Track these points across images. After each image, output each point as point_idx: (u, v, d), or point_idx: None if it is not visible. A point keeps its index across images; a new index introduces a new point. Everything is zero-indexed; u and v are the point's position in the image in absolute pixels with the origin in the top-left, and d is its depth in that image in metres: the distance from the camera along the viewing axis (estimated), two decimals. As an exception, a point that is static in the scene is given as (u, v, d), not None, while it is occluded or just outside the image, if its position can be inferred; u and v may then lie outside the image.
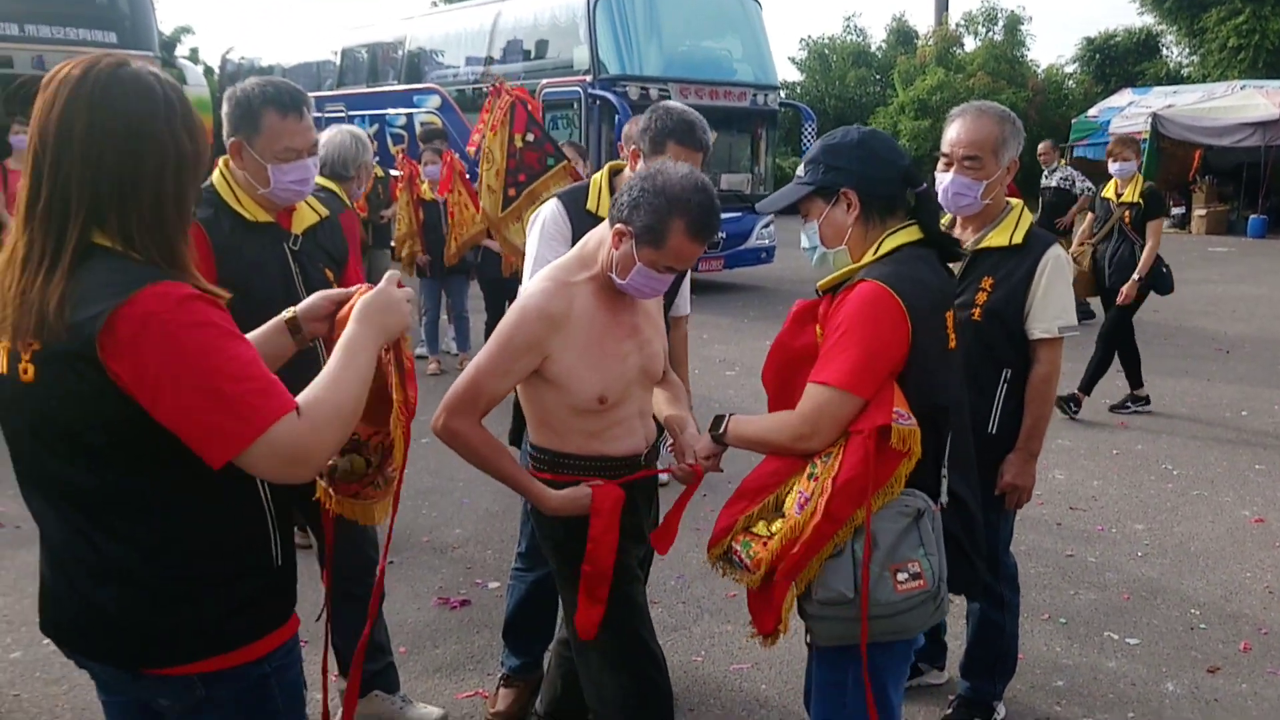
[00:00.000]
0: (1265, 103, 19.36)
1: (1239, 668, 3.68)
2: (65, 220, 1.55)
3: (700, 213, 2.31)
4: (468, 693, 3.52)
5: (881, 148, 2.24)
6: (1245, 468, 6.01)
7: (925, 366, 2.12)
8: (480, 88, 15.10)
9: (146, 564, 1.62)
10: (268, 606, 1.77)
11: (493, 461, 2.47)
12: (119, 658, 1.71)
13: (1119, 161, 6.93)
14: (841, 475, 2.03)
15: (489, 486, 5.56)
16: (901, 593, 2.04)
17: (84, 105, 1.54)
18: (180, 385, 1.49)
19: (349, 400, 1.65)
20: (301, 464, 1.57)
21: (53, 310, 1.50)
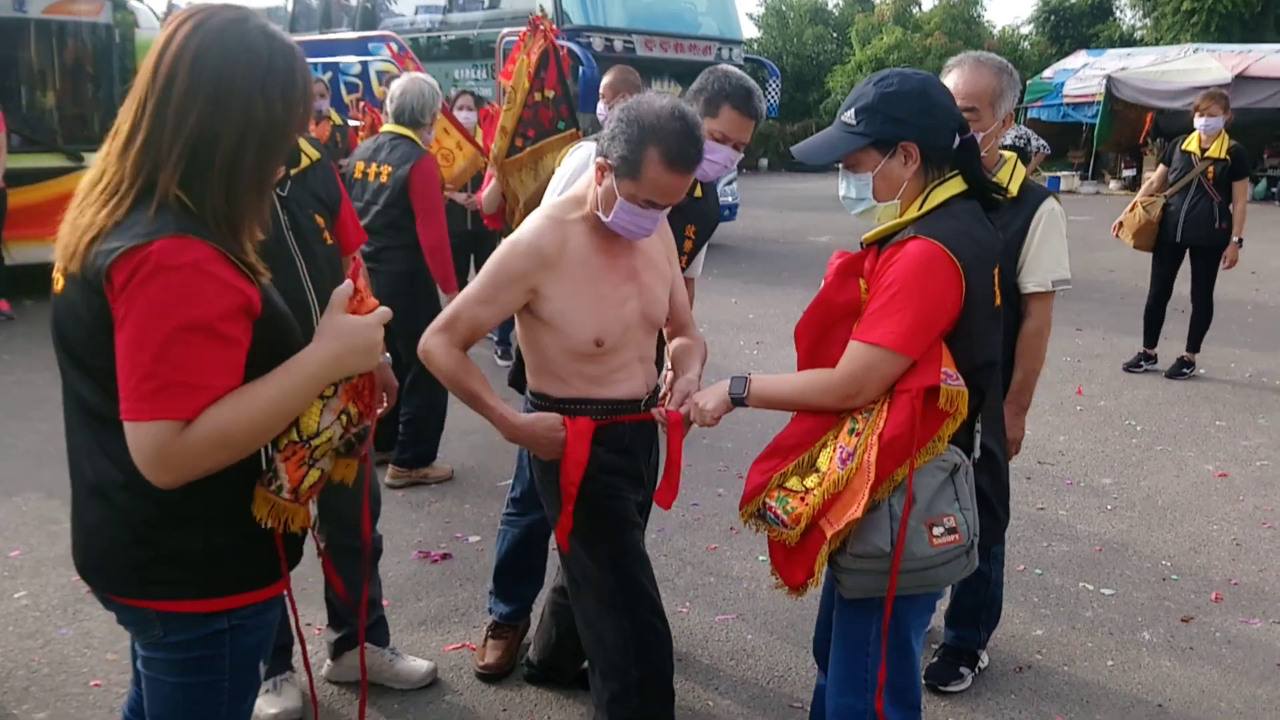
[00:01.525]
0: (1217, 66, 19.62)
1: (1212, 617, 3.77)
2: (151, 166, 1.57)
3: (676, 140, 2.23)
4: (454, 645, 3.49)
5: (941, 96, 2.14)
6: (1206, 424, 6.14)
7: (974, 325, 2.09)
8: (437, 36, 14.82)
9: (127, 487, 1.62)
10: (246, 566, 1.72)
11: (461, 381, 2.42)
12: (94, 579, 1.74)
13: (1206, 116, 6.77)
14: (887, 432, 2.01)
15: (463, 441, 5.54)
16: (937, 547, 2.03)
17: (189, 56, 1.57)
18: (124, 328, 1.51)
19: (248, 428, 1.56)
20: (161, 471, 1.52)
21: (87, 240, 1.55)
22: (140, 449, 1.52)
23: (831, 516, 2.02)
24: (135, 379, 1.50)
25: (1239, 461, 5.48)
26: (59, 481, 4.78)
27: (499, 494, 4.84)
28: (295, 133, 1.69)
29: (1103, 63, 22.60)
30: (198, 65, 1.56)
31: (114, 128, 1.62)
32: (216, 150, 1.57)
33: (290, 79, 1.63)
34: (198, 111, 1.56)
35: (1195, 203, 6.85)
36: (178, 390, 1.51)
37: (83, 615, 3.61)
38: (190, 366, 1.51)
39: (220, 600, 1.69)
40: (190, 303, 1.51)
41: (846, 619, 2.21)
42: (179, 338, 1.50)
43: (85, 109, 9.24)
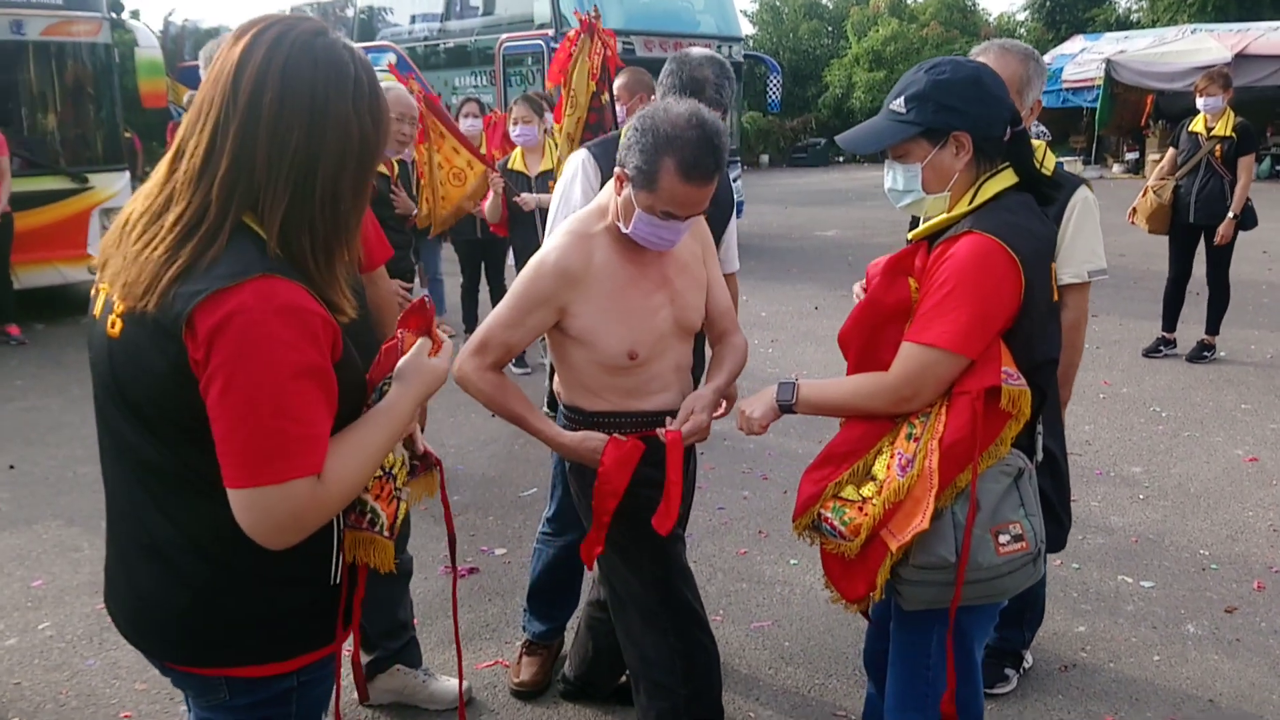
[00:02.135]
0: (1216, 46, 19.51)
1: (1255, 607, 3.70)
2: (234, 193, 1.43)
3: (691, 151, 2.15)
4: (487, 662, 3.44)
5: (994, 85, 2.06)
6: (1232, 407, 6.07)
7: (1034, 322, 2.01)
8: (436, 44, 14.77)
9: (192, 551, 1.52)
10: (313, 623, 1.64)
11: (500, 403, 2.39)
12: (151, 646, 1.62)
13: (1206, 96, 6.74)
14: (947, 437, 1.93)
15: (483, 452, 5.49)
16: (1003, 555, 1.96)
17: (277, 71, 1.42)
18: (231, 388, 1.37)
19: (366, 475, 1.54)
20: (290, 531, 1.44)
21: (167, 278, 1.40)
22: (270, 513, 1.41)
23: (894, 527, 1.95)
24: (254, 439, 1.38)
25: (1268, 445, 5.40)
26: (78, 508, 4.77)
27: (523, 505, 4.79)
28: (383, 151, 1.58)
29: (1100, 46, 22.50)
30: (289, 82, 1.42)
31: (177, 150, 1.48)
32: (317, 175, 1.45)
33: (375, 94, 1.52)
34: (295, 135, 1.42)
35: (1205, 182, 6.80)
36: (306, 443, 1.41)
37: (109, 645, 3.55)
38: (309, 415, 1.42)
39: (289, 662, 1.61)
40: (298, 347, 1.40)
41: (906, 630, 2.13)
42: (294, 387, 1.39)
43: (87, 130, 9.20)
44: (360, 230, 1.57)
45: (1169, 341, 7.28)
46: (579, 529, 3.22)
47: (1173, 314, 7.28)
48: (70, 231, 8.55)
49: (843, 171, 26.58)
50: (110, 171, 8.94)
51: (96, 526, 4.58)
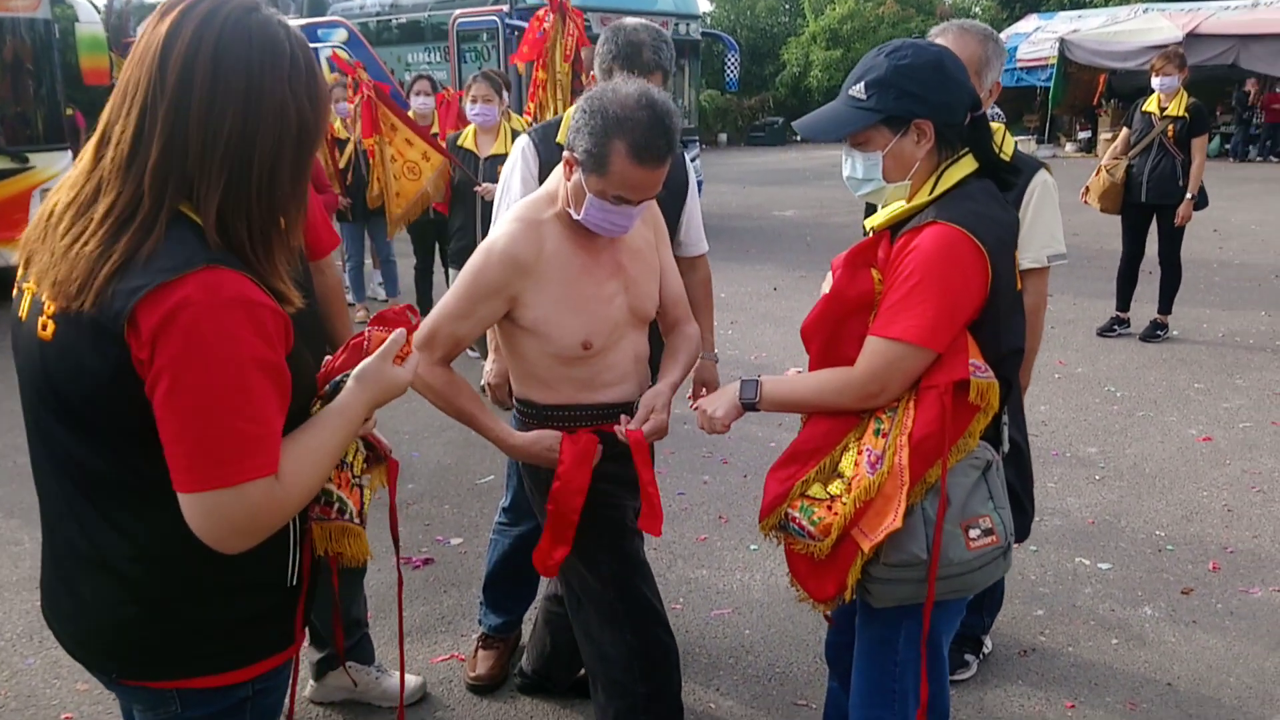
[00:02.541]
0: (1168, 25, 19.74)
1: (1211, 588, 3.72)
2: (167, 180, 1.33)
3: (643, 132, 2.06)
4: (442, 656, 3.37)
5: (956, 70, 1.99)
6: (1185, 387, 6.13)
7: (1000, 312, 1.96)
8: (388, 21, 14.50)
9: (141, 560, 1.43)
10: (270, 629, 1.56)
11: (450, 400, 2.32)
12: (97, 660, 1.52)
13: (1162, 76, 6.77)
14: (916, 432, 1.88)
15: (438, 439, 5.39)
16: (974, 550, 1.92)
17: (209, 50, 1.32)
18: (180, 387, 1.29)
19: (322, 476, 1.48)
20: (247, 534, 1.37)
21: (104, 274, 1.31)
22: (226, 518, 1.33)
23: (865, 526, 1.90)
24: (206, 440, 1.30)
25: (1221, 425, 5.46)
26: (16, 500, 4.61)
27: (479, 493, 4.71)
28: (322, 134, 1.49)
29: (1054, 26, 22.67)
30: (221, 62, 1.33)
31: (102, 136, 1.38)
32: (253, 160, 1.37)
33: (312, 74, 1.43)
34: (230, 117, 1.34)
35: (1158, 162, 6.84)
36: (260, 442, 1.34)
37: (49, 643, 3.43)
38: (262, 413, 1.34)
39: (245, 670, 1.53)
40: (248, 342, 1.32)
41: (873, 627, 2.09)
42: (246, 383, 1.32)
43: (27, 108, 8.90)
44: (301, 218, 1.49)
45: (1123, 321, 7.35)
46: (534, 519, 3.15)
47: (1126, 293, 7.34)
48: (9, 212, 8.26)
49: (800, 151, 26.59)
50: (51, 150, 8.64)
51: (36, 519, 4.43)
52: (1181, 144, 6.78)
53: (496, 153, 5.69)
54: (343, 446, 1.51)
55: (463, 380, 2.38)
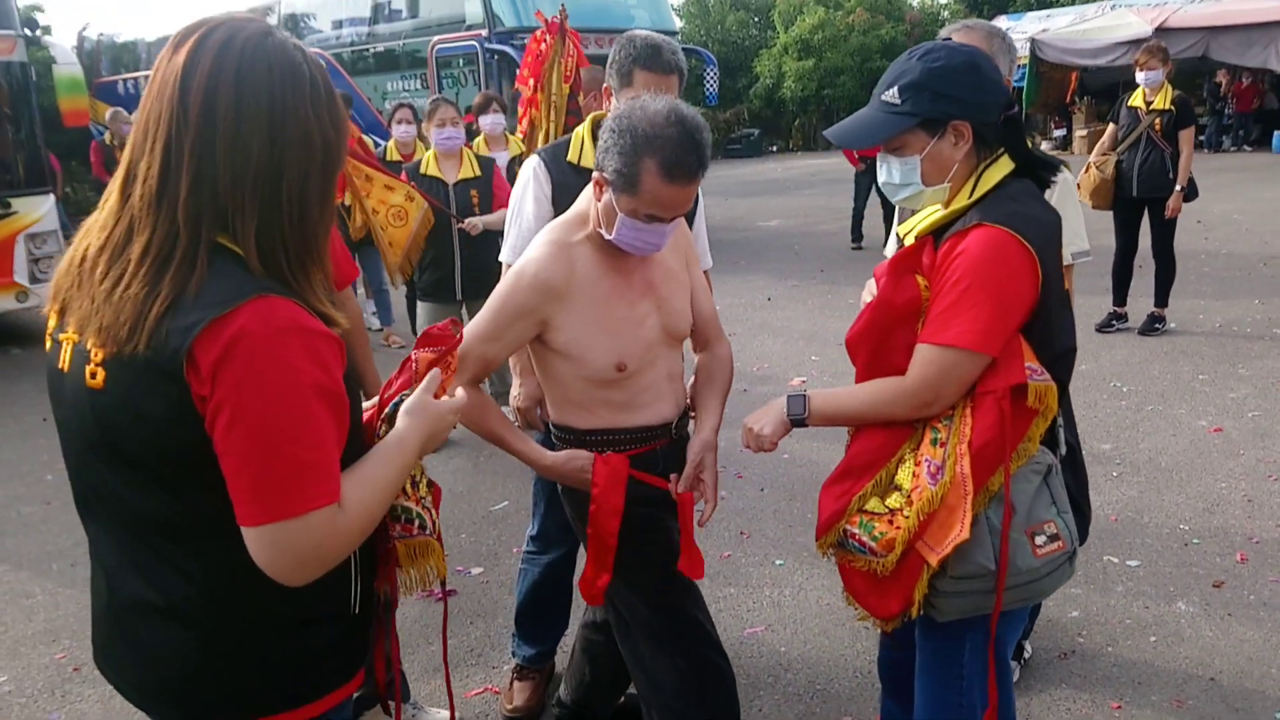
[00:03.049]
0: (1137, 20, 19.89)
1: (1241, 579, 3.71)
2: (201, 213, 1.31)
3: (672, 150, 2.03)
4: (476, 690, 3.31)
5: (991, 69, 1.97)
6: (1189, 379, 6.13)
7: (1051, 313, 1.93)
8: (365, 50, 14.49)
9: (205, 604, 1.40)
10: (337, 661, 1.53)
11: (478, 421, 2.28)
12: (162, 707, 1.49)
13: (1146, 70, 6.80)
14: (976, 439, 1.85)
15: (446, 466, 5.34)
16: (1041, 557, 1.88)
17: (230, 78, 1.30)
18: (241, 418, 1.27)
19: (384, 507, 1.48)
20: (312, 564, 1.35)
21: (153, 315, 1.28)
22: (291, 548, 1.31)
23: (930, 539, 1.86)
24: (269, 471, 1.28)
25: (1230, 415, 5.46)
26: (25, 551, 4.53)
27: (495, 520, 4.65)
28: (344, 157, 1.47)
29: (1023, 26, 22.82)
30: (243, 91, 1.31)
31: (127, 174, 1.36)
32: (281, 187, 1.35)
33: (332, 97, 1.41)
34: (257, 145, 1.32)
35: (1147, 156, 6.87)
36: (322, 470, 1.32)
37: (73, 696, 3.36)
38: (322, 441, 1.32)
39: (315, 704, 1.50)
40: (305, 369, 1.30)
41: (936, 639, 2.05)
42: (306, 411, 1.30)
43: (6, 153, 8.81)
44: (329, 243, 1.47)
45: (1121, 316, 7.36)
46: (564, 546, 3.11)
47: (1122, 288, 7.36)
48: (-6, 258, 8.19)
49: (778, 161, 26.68)
50: (34, 195, 8.57)
51: (48, 569, 4.36)
52: (1169, 137, 6.82)
53: (464, 177, 5.48)
54: (402, 477, 1.50)
55: (491, 401, 2.36)
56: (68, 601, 4.05)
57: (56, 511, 5.00)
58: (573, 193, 2.76)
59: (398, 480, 1.49)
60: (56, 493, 5.24)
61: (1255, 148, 20.60)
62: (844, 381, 2.15)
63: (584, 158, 2.90)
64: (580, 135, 2.96)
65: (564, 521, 3.01)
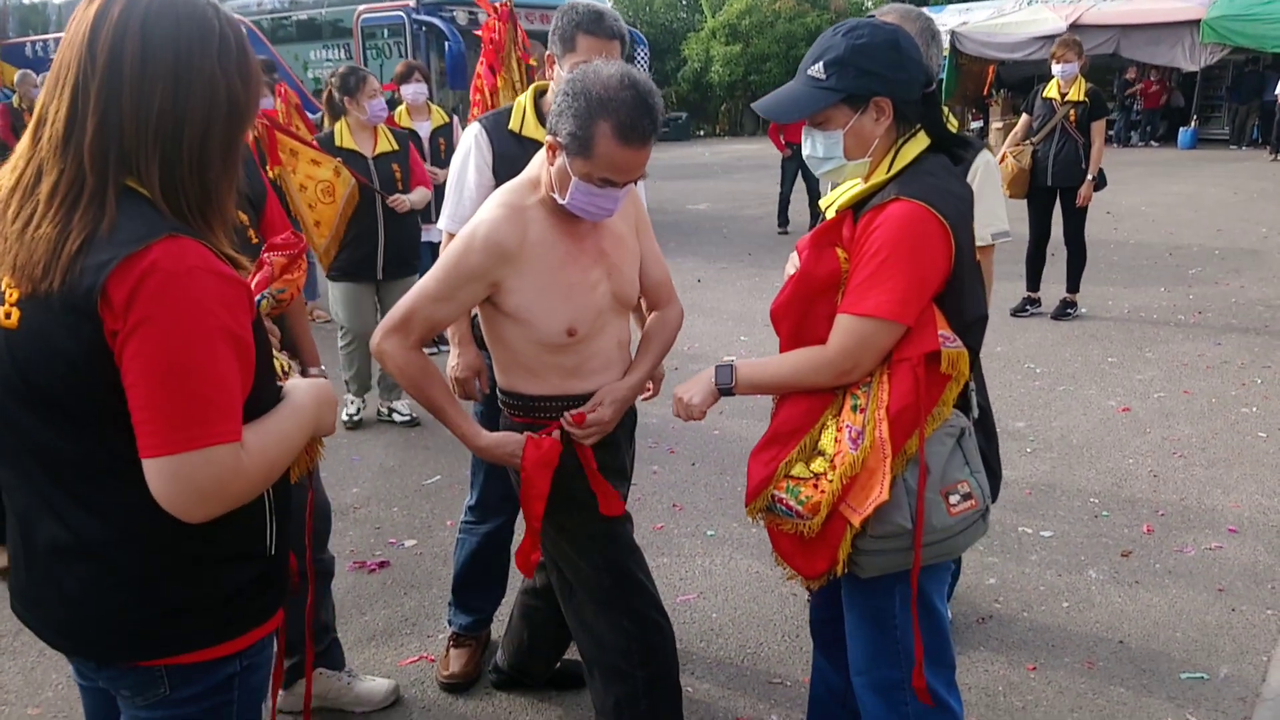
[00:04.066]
0: (1052, 16, 20.46)
1: (1148, 549, 3.90)
2: (108, 156, 1.35)
3: (628, 112, 2.06)
4: (411, 658, 3.32)
5: (911, 48, 2.04)
6: (1099, 361, 6.39)
7: (964, 283, 2.02)
8: (286, 18, 14.15)
9: (121, 543, 1.44)
10: (254, 600, 1.58)
11: (421, 387, 2.28)
12: (81, 646, 1.53)
13: (1062, 63, 7.01)
14: (893, 405, 1.93)
15: (378, 440, 5.31)
16: (955, 515, 1.98)
17: (136, 29, 1.34)
18: (147, 350, 1.31)
19: (283, 461, 1.52)
20: (212, 501, 1.38)
21: (66, 253, 1.31)
22: (192, 480, 1.34)
23: (852, 501, 1.94)
24: (172, 403, 1.32)
25: (1137, 395, 5.71)
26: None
27: (427, 493, 4.65)
28: (254, 113, 1.51)
29: (944, 19, 23.24)
30: (149, 40, 1.35)
31: (39, 118, 1.40)
32: (183, 135, 1.39)
33: (243, 53, 1.45)
34: (160, 93, 1.36)
35: (1061, 146, 7.11)
36: (225, 408, 1.35)
37: (-10, 669, 3.28)
38: (226, 381, 1.36)
39: (234, 642, 1.54)
40: (212, 310, 1.34)
41: (865, 596, 2.13)
42: (210, 350, 1.34)
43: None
44: (231, 196, 1.50)
45: (1034, 301, 7.62)
46: (502, 516, 3.14)
47: (1036, 274, 7.61)
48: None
49: (705, 145, 26.82)
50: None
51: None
52: (1083, 128, 7.06)
53: (383, 151, 5.28)
54: (301, 437, 1.56)
55: (436, 370, 2.34)
56: (-17, 574, 3.93)
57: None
58: (513, 161, 2.77)
59: (296, 438, 1.54)
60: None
61: (1162, 143, 21.37)
62: (772, 363, 2.22)
63: (525, 126, 2.89)
64: (522, 104, 2.95)
65: (502, 492, 3.05)
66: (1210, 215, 11.86)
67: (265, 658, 1.66)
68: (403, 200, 5.26)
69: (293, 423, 1.53)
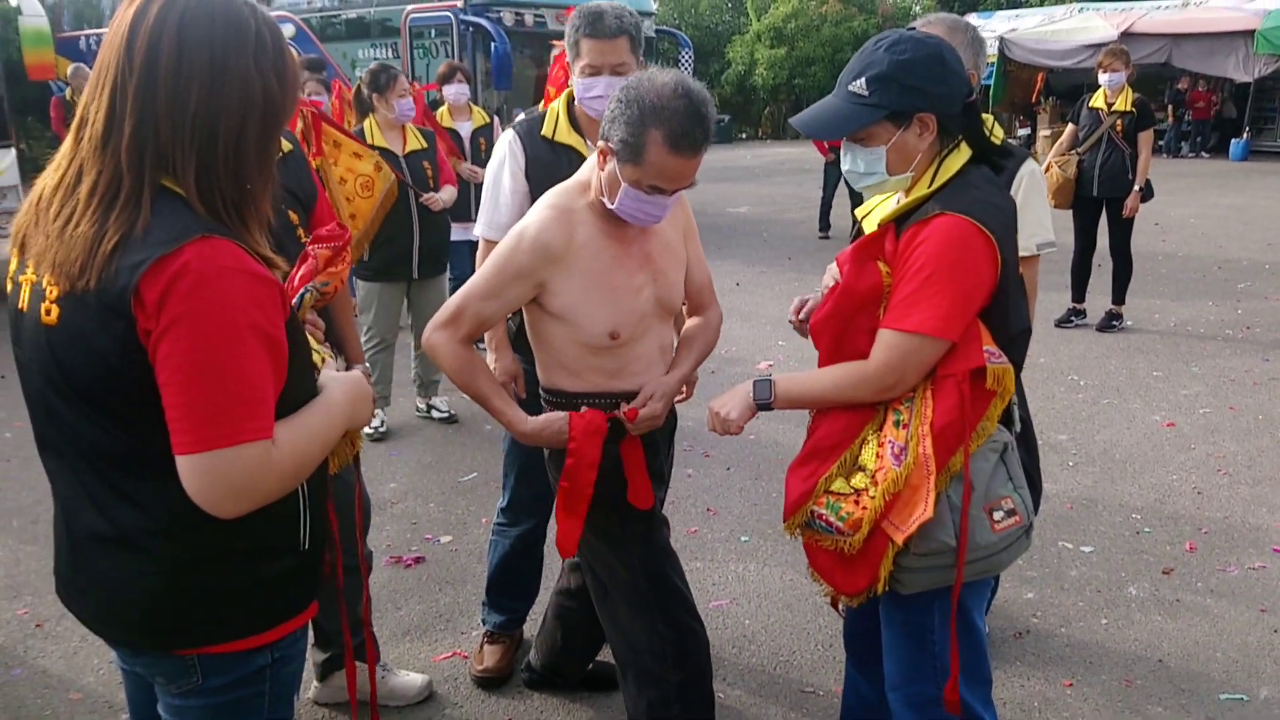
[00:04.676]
0: (1103, 24, 20.18)
1: (1190, 568, 3.83)
2: (144, 156, 1.37)
3: (679, 121, 2.07)
4: (445, 654, 3.34)
5: (955, 61, 2.01)
6: (1144, 375, 6.29)
7: (1008, 297, 2.00)
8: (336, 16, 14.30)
9: (157, 533, 1.47)
10: (286, 592, 1.61)
11: (468, 379, 2.32)
12: (118, 633, 1.57)
13: (1109, 72, 6.93)
14: (937, 421, 1.91)
15: (416, 436, 5.35)
16: (999, 532, 1.96)
17: (173, 29, 1.37)
18: (180, 349, 1.33)
19: (314, 457, 1.53)
20: (244, 497, 1.40)
21: (103, 253, 1.34)
22: (224, 476, 1.36)
23: (895, 519, 1.92)
24: (203, 400, 1.34)
25: (1182, 410, 5.62)
26: (-14, 506, 4.47)
27: (464, 490, 4.68)
28: (291, 112, 1.53)
29: (993, 25, 23.04)
30: (185, 39, 1.37)
31: (81, 118, 1.43)
32: (218, 134, 1.41)
33: (280, 52, 1.47)
34: (195, 92, 1.38)
35: (1108, 156, 7.01)
36: (256, 405, 1.37)
37: (35, 652, 3.35)
38: (256, 379, 1.38)
39: (266, 634, 1.57)
40: (243, 309, 1.36)
41: (905, 611, 2.11)
42: (243, 348, 1.36)
43: (-33, 105, 8.65)
44: (267, 195, 1.52)
45: (1079, 312, 7.52)
46: (534, 518, 3.15)
47: (1081, 285, 7.52)
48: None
49: (747, 148, 26.75)
50: (-6, 149, 8.43)
51: (8, 526, 4.32)
52: (1129, 138, 6.96)
53: (414, 149, 5.31)
54: (333, 434, 1.58)
55: (482, 361, 2.38)
56: (29, 558, 4.02)
57: (16, 469, 4.95)
58: (547, 167, 2.78)
59: (328, 434, 1.56)
60: (16, 449, 5.18)
61: (1213, 154, 21.01)
62: (809, 366, 2.20)
63: (558, 132, 2.88)
64: (555, 110, 2.94)
65: (535, 493, 3.06)
66: (1261, 229, 11.64)
67: (298, 650, 1.68)
68: (435, 198, 5.29)
69: (325, 419, 1.55)
